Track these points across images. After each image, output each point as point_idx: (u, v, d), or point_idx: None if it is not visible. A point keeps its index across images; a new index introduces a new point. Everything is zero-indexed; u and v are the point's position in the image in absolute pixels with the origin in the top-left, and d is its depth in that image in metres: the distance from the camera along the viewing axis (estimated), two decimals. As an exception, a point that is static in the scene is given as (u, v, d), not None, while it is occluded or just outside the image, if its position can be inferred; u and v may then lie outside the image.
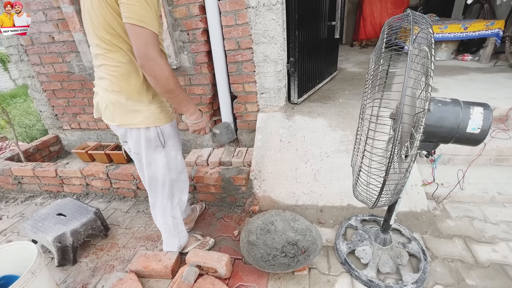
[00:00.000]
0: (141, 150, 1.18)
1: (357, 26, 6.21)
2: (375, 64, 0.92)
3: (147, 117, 1.10)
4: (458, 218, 1.58)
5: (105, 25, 0.94)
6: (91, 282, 1.40)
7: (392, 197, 0.95)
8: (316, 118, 2.14)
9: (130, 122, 1.09)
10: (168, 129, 1.19)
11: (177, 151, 1.30)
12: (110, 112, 1.10)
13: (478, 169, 1.85)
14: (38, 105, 2.72)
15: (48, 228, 1.51)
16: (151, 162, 1.22)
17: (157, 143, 1.17)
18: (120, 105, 1.07)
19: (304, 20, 2.12)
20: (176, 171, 1.32)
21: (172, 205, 1.36)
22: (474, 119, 0.83)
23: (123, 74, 1.03)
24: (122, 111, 1.08)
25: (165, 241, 1.44)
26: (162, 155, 1.22)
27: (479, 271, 1.26)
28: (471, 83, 2.73)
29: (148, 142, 1.15)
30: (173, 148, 1.26)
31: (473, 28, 3.40)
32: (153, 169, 1.24)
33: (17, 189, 2.30)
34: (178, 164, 1.32)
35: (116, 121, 1.10)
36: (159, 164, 1.23)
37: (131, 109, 1.08)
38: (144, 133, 1.12)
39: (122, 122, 1.10)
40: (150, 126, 1.11)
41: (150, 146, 1.17)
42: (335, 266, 1.35)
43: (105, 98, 1.09)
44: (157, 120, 1.12)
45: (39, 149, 2.65)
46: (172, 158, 1.27)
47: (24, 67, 2.52)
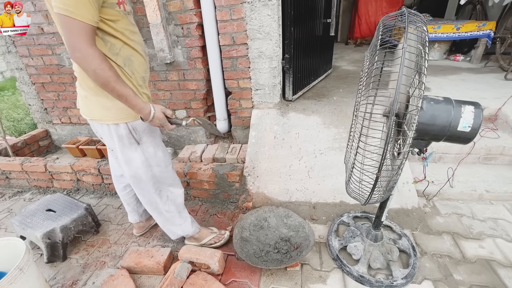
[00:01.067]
0: (116, 147, 1.14)
1: (352, 24, 6.23)
2: (370, 62, 0.92)
3: (115, 113, 1.06)
4: (447, 215, 1.61)
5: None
6: (82, 278, 1.38)
7: (384, 194, 0.97)
8: (311, 115, 2.14)
9: (99, 117, 1.07)
10: (141, 125, 1.13)
11: (156, 147, 1.23)
12: (82, 106, 1.09)
13: (468, 167, 1.89)
14: (27, 98, 2.64)
15: (37, 224, 1.48)
16: (128, 160, 1.17)
17: (131, 140, 1.13)
18: (89, 100, 1.05)
19: (299, 17, 2.11)
20: (158, 168, 1.26)
21: (162, 200, 1.33)
22: (465, 118, 0.85)
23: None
24: (92, 105, 1.06)
25: (168, 231, 1.42)
26: (138, 153, 1.17)
27: (467, 266, 1.29)
28: (462, 83, 2.78)
29: (121, 139, 1.11)
30: (150, 144, 1.20)
31: (465, 28, 3.45)
32: (133, 167, 1.19)
33: (5, 184, 2.25)
34: (160, 161, 1.25)
35: (88, 115, 1.09)
36: (137, 162, 1.18)
37: (99, 105, 1.04)
38: (114, 129, 1.09)
39: (94, 117, 1.08)
40: (119, 122, 1.07)
41: (124, 143, 1.12)
42: (327, 262, 1.36)
43: (79, 92, 1.07)
44: (127, 116, 1.07)
45: (27, 144, 2.58)
46: (151, 155, 1.21)
47: (12, 59, 2.44)
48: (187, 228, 1.43)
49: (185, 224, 1.42)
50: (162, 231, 1.65)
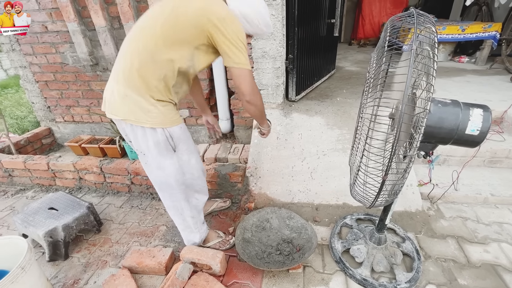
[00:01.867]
0: (149, 151, 1.12)
1: (355, 24, 6.20)
2: (376, 64, 0.90)
3: (154, 117, 1.03)
4: (452, 218, 1.60)
5: (177, 41, 0.97)
6: (83, 277, 1.38)
7: (389, 197, 0.95)
8: (314, 116, 2.13)
9: (135, 118, 1.03)
10: (178, 132, 1.12)
11: (190, 155, 1.22)
12: (117, 105, 1.04)
13: (472, 170, 1.87)
14: (30, 96, 2.65)
15: (39, 223, 1.48)
16: (161, 167, 1.16)
17: (168, 147, 1.11)
18: (129, 99, 1.01)
19: (303, 17, 2.10)
20: (190, 176, 1.25)
21: (190, 206, 1.31)
22: (474, 121, 0.83)
23: (161, 77, 1.01)
24: (131, 105, 1.02)
25: (185, 237, 1.42)
26: (173, 160, 1.16)
27: (471, 271, 1.28)
28: (467, 84, 2.76)
29: (157, 145, 1.09)
30: (185, 152, 1.19)
31: (470, 30, 3.42)
32: (165, 174, 1.17)
33: (8, 181, 2.25)
34: (193, 169, 1.25)
35: (121, 115, 1.04)
36: (170, 169, 1.16)
37: (138, 106, 1.02)
38: (150, 134, 1.06)
39: (128, 117, 1.03)
40: (156, 127, 1.05)
41: (159, 149, 1.10)
42: (330, 265, 1.35)
43: (117, 90, 1.03)
44: (164, 122, 1.06)
45: (30, 142, 2.59)
46: (184, 163, 1.20)
47: (16, 57, 2.45)
48: (205, 231, 1.44)
49: (203, 227, 1.42)
50: (164, 231, 1.65)
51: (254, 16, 1.03)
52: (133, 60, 1.00)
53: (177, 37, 0.96)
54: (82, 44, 2.17)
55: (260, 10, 1.04)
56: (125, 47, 1.05)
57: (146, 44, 0.98)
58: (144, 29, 1.00)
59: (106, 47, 2.13)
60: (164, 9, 0.98)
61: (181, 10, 0.95)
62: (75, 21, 2.08)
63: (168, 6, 0.98)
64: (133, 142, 1.13)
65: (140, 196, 2.01)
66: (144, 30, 1.00)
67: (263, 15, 1.06)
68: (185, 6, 0.96)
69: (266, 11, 1.07)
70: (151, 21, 1.00)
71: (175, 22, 0.95)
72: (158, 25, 0.96)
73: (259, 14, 1.04)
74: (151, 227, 1.69)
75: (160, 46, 0.96)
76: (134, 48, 1.01)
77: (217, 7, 0.95)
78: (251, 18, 1.03)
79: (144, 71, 0.99)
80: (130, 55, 1.02)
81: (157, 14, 0.99)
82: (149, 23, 1.00)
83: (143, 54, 0.98)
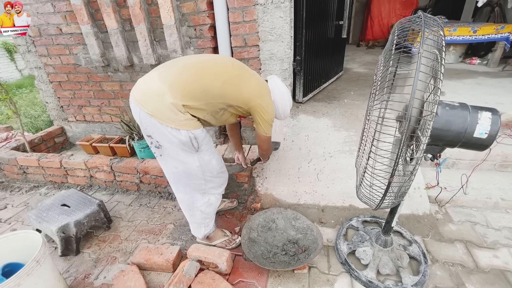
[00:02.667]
0: (169, 146, 1.17)
1: (364, 26, 6.16)
2: (384, 66, 0.91)
3: (179, 120, 1.10)
4: (460, 222, 1.57)
5: (227, 95, 1.18)
6: (93, 272, 1.42)
7: (395, 199, 0.95)
8: (321, 117, 2.14)
9: (161, 117, 1.09)
10: (201, 134, 1.18)
11: (211, 155, 1.29)
12: (149, 99, 1.11)
13: (482, 174, 1.84)
14: (44, 96, 2.74)
15: (52, 218, 1.53)
16: (183, 161, 1.22)
17: (191, 148, 1.18)
18: (163, 98, 1.08)
19: (312, 19, 2.11)
20: (210, 174, 1.31)
21: (203, 200, 1.36)
22: (482, 124, 0.83)
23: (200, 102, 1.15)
24: (162, 105, 1.08)
25: (192, 229, 1.48)
26: (194, 159, 1.22)
27: (480, 276, 1.26)
28: (478, 87, 2.71)
29: (181, 144, 1.15)
30: (207, 153, 1.25)
31: (482, 31, 3.36)
32: (187, 167, 1.23)
33: (22, 178, 2.33)
34: (212, 169, 1.31)
35: (149, 109, 1.09)
36: (192, 165, 1.23)
37: (168, 108, 1.08)
38: (175, 133, 1.11)
39: (155, 114, 1.09)
40: (180, 129, 1.11)
41: (183, 149, 1.17)
42: (335, 266, 1.35)
43: (158, 87, 1.10)
44: (187, 125, 1.12)
45: (44, 140, 2.67)
46: (205, 162, 1.26)
47: (32, 58, 2.53)
48: (210, 228, 1.47)
49: (210, 224, 1.45)
50: (171, 229, 1.68)
51: (280, 106, 1.37)
52: (191, 77, 1.14)
53: (231, 94, 1.19)
54: (95, 46, 2.23)
55: (286, 104, 1.39)
56: (187, 65, 1.18)
57: (209, 79, 1.15)
58: (212, 69, 1.19)
59: (118, 48, 2.19)
60: (235, 68, 1.23)
61: (247, 81, 1.23)
62: (89, 24, 2.15)
63: (237, 67, 1.25)
64: (153, 134, 1.17)
65: (148, 194, 2.05)
66: (210, 67, 1.19)
67: (287, 108, 1.41)
68: (249, 81, 1.24)
69: (290, 106, 1.42)
70: (221, 69, 1.20)
71: (237, 85, 1.20)
72: (225, 77, 1.17)
73: (285, 106, 1.39)
74: (159, 225, 1.73)
75: (217, 88, 1.16)
76: (198, 72, 1.15)
77: (266, 94, 1.30)
78: (278, 106, 1.37)
79: (193, 90, 1.13)
80: (191, 72, 1.15)
81: (228, 68, 1.22)
82: (217, 68, 1.20)
83: (203, 83, 1.14)
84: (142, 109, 1.11)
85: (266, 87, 1.32)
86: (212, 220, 1.45)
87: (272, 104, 1.31)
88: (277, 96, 1.34)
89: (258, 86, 1.27)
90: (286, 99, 1.38)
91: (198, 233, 1.46)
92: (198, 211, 1.37)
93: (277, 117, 1.41)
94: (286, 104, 1.39)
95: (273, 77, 1.39)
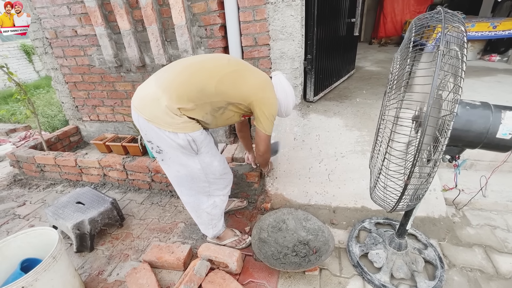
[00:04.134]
0: (169, 150, 1.17)
1: (376, 23, 6.02)
2: (400, 64, 0.88)
3: (176, 123, 1.10)
4: (479, 226, 1.51)
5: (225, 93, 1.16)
6: (107, 269, 1.45)
7: (411, 202, 0.92)
8: (332, 117, 2.10)
9: (158, 122, 1.10)
10: (200, 137, 1.18)
11: (212, 157, 1.27)
12: (146, 105, 1.12)
13: (503, 176, 1.76)
14: (60, 96, 2.82)
15: (68, 215, 1.57)
16: (183, 164, 1.22)
17: (190, 151, 1.18)
18: (158, 103, 1.09)
19: (323, 17, 2.08)
20: (213, 176, 1.30)
21: (208, 202, 1.36)
22: (506, 124, 0.79)
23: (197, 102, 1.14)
24: (158, 110, 1.09)
25: (201, 230, 1.49)
26: (195, 161, 1.22)
27: (500, 282, 1.20)
28: (498, 85, 2.60)
29: (180, 148, 1.15)
30: (207, 155, 1.24)
31: (503, 26, 3.23)
32: (188, 170, 1.23)
33: (40, 176, 2.41)
34: (215, 170, 1.30)
35: (146, 115, 1.11)
36: (193, 168, 1.23)
37: (164, 112, 1.09)
38: (173, 137, 1.12)
39: (152, 119, 1.10)
40: (178, 132, 1.11)
41: (182, 152, 1.17)
42: (347, 268, 1.33)
43: (154, 93, 1.11)
44: (185, 128, 1.12)
45: (60, 139, 2.75)
46: (207, 165, 1.25)
47: (48, 60, 2.61)
48: (220, 229, 1.47)
49: (218, 225, 1.45)
50: (182, 228, 1.69)
51: (283, 105, 1.34)
52: (184, 80, 1.13)
53: (228, 91, 1.16)
54: (108, 47, 2.28)
55: (289, 103, 1.35)
56: (181, 68, 1.17)
57: (203, 79, 1.14)
58: (207, 68, 1.17)
59: (130, 49, 2.23)
60: (231, 64, 1.21)
61: (244, 76, 1.20)
62: (102, 25, 2.19)
63: (234, 64, 1.22)
64: (152, 139, 1.18)
65: (160, 193, 2.08)
66: (205, 68, 1.17)
67: (289, 106, 1.37)
68: (246, 76, 1.21)
69: (293, 104, 1.38)
70: (216, 67, 1.18)
71: (233, 81, 1.17)
72: (220, 74, 1.15)
73: (287, 104, 1.35)
74: (170, 223, 1.75)
75: (212, 87, 1.13)
76: (192, 74, 1.15)
77: (268, 89, 1.25)
78: (281, 104, 1.33)
79: (188, 92, 1.11)
80: (185, 75, 1.14)
81: (224, 65, 1.20)
82: (211, 66, 1.18)
83: (198, 84, 1.13)
84: (140, 115, 1.13)
85: (268, 82, 1.28)
86: (219, 221, 1.45)
87: (275, 99, 1.27)
88: (280, 93, 1.30)
89: (259, 81, 1.24)
90: (289, 97, 1.34)
91: (207, 233, 1.47)
92: (204, 213, 1.37)
93: (278, 114, 1.38)
94: (289, 102, 1.35)
95: (277, 74, 1.35)
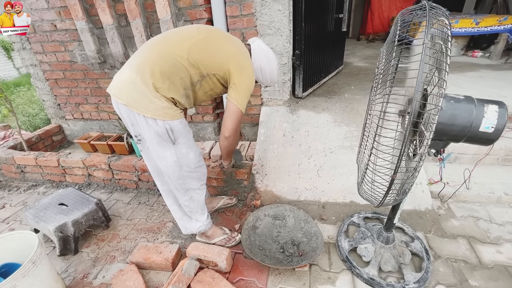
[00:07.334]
0: (148, 139, 1.15)
1: (364, 19, 6.08)
2: (386, 59, 0.88)
3: (155, 108, 1.07)
4: (463, 218, 1.55)
5: (200, 62, 1.10)
6: (92, 272, 1.40)
7: (398, 196, 0.93)
8: (321, 113, 2.10)
9: (137, 106, 1.07)
10: (178, 126, 1.15)
11: (189, 149, 1.24)
12: (124, 90, 1.09)
13: (485, 168, 1.81)
14: (41, 94, 2.70)
15: (49, 218, 1.51)
16: (160, 157, 1.20)
17: (167, 139, 1.14)
18: (136, 86, 1.06)
19: (311, 12, 2.07)
20: (188, 169, 1.27)
21: (185, 196, 1.33)
22: (488, 118, 0.80)
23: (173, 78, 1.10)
24: (137, 92, 1.06)
25: (182, 227, 1.45)
26: (172, 152, 1.19)
27: (483, 272, 1.24)
28: (481, 80, 2.67)
29: (157, 135, 1.12)
30: (184, 146, 1.21)
31: (485, 23, 3.31)
32: (163, 164, 1.22)
33: (20, 177, 2.31)
34: (190, 163, 1.26)
35: (126, 101, 1.07)
36: (169, 161, 1.20)
37: (143, 94, 1.06)
38: (152, 123, 1.09)
39: (130, 104, 1.07)
40: (157, 118, 1.08)
41: (159, 140, 1.14)
42: (336, 263, 1.34)
43: (128, 76, 1.08)
44: (165, 115, 1.09)
45: (42, 139, 2.64)
46: (183, 156, 1.22)
47: (27, 56, 2.49)
48: (203, 225, 1.44)
49: (202, 219, 1.43)
50: (170, 227, 1.66)
51: (267, 72, 1.27)
52: (155, 55, 1.09)
53: (201, 60, 1.11)
54: (90, 42, 2.19)
55: (273, 69, 1.27)
56: (151, 45, 1.13)
57: (173, 50, 1.09)
58: (176, 40, 1.12)
59: (114, 44, 2.15)
60: (200, 32, 1.14)
61: (217, 42, 1.14)
62: (83, 19, 2.10)
63: (204, 31, 1.15)
64: (133, 127, 1.16)
65: (147, 192, 2.03)
66: (174, 40, 1.13)
67: (274, 73, 1.29)
68: (221, 43, 1.15)
69: (277, 70, 1.31)
70: (185, 37, 1.12)
71: (205, 48, 1.11)
72: (190, 43, 1.10)
73: (272, 71, 1.27)
74: (158, 223, 1.71)
75: (185, 58, 1.09)
76: (162, 48, 1.10)
77: (244, 57, 1.18)
78: (265, 71, 1.26)
79: (160, 67, 1.07)
80: (155, 51, 1.10)
81: (193, 33, 1.14)
82: (181, 36, 1.13)
83: (168, 56, 1.09)
84: (119, 101, 1.09)
85: (245, 51, 1.21)
86: (202, 215, 1.42)
87: (251, 68, 1.19)
88: (262, 59, 1.23)
89: (235, 49, 1.17)
90: (272, 62, 1.26)
91: (191, 228, 1.43)
92: (182, 205, 1.37)
93: (264, 83, 1.32)
94: (273, 67, 1.27)
95: (255, 40, 1.26)
